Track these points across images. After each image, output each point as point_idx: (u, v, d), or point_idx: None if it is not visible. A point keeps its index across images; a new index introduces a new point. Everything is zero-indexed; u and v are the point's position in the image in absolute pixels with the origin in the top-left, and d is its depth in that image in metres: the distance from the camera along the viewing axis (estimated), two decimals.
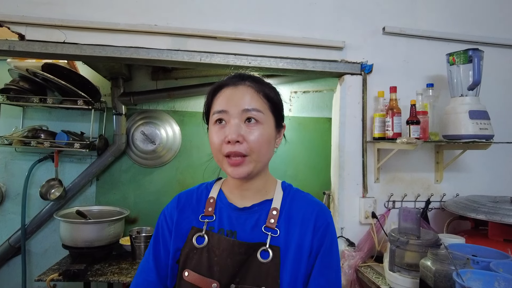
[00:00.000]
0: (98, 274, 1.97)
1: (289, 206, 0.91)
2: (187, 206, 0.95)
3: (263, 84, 0.90)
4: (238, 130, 0.82)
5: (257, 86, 0.88)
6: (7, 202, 2.51)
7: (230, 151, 0.82)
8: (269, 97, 0.89)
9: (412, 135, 1.69)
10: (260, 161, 0.86)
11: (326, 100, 2.92)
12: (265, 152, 0.86)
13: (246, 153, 0.83)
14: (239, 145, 0.82)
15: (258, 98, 0.86)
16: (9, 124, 2.47)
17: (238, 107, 0.84)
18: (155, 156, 2.67)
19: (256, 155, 0.84)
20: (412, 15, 2.00)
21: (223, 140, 0.83)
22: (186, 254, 0.88)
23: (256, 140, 0.83)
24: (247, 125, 0.84)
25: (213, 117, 0.87)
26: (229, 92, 0.87)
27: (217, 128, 0.86)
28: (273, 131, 0.89)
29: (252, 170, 0.85)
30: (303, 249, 0.85)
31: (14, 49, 1.65)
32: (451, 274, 1.15)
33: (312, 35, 1.88)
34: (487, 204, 1.63)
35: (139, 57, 1.74)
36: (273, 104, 0.89)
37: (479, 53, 1.68)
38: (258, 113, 0.84)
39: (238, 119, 0.84)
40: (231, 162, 0.83)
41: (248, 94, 0.86)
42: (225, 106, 0.85)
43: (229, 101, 0.85)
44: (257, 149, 0.84)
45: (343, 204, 1.90)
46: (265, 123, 0.85)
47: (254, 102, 0.85)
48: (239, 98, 0.85)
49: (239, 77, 0.90)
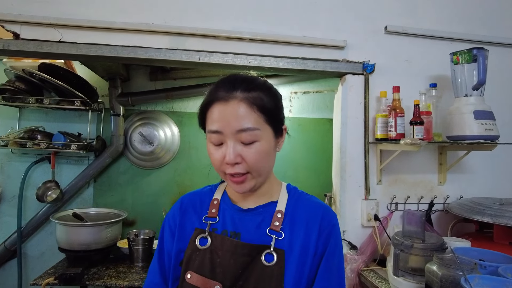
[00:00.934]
0: (95, 277, 1.93)
1: (294, 209, 0.89)
2: (190, 208, 0.95)
3: (256, 91, 0.82)
4: (236, 151, 0.79)
5: (250, 98, 0.80)
6: (2, 204, 2.47)
7: (230, 172, 0.81)
8: (264, 107, 0.81)
9: (416, 135, 1.65)
10: (262, 175, 0.85)
11: (327, 100, 2.89)
12: (265, 166, 0.84)
13: (246, 171, 0.81)
14: (238, 166, 0.80)
15: (251, 113, 0.79)
16: (5, 125, 2.44)
17: (232, 128, 0.78)
18: (153, 158, 2.63)
19: (256, 172, 0.82)
20: (414, 14, 1.97)
21: (223, 161, 0.81)
22: (189, 256, 0.87)
23: (254, 158, 0.80)
24: (244, 145, 0.80)
25: (209, 135, 0.83)
26: (220, 109, 0.80)
27: (214, 148, 0.83)
28: (272, 141, 0.85)
29: (254, 185, 0.84)
30: (308, 252, 0.83)
31: (9, 48, 1.61)
32: (458, 279, 1.11)
33: (313, 34, 1.85)
34: (493, 206, 1.60)
35: (136, 56, 1.70)
36: (269, 115, 0.82)
37: (484, 52, 1.65)
38: (253, 132, 0.79)
39: (233, 140, 0.79)
40: (233, 180, 0.82)
41: (240, 111, 0.78)
42: (218, 127, 0.79)
43: (222, 121, 0.79)
44: (256, 166, 0.81)
45: (344, 206, 1.86)
46: (262, 139, 0.81)
47: (248, 120, 0.79)
48: (231, 118, 0.78)
49: (230, 87, 0.81)
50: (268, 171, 0.88)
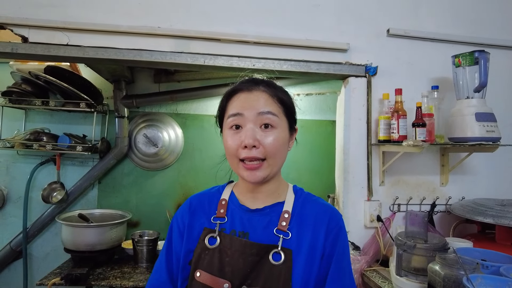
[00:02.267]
0: (100, 278, 1.95)
1: (300, 209, 0.91)
2: (199, 208, 0.96)
3: (277, 88, 0.91)
4: (254, 134, 0.83)
5: (271, 90, 0.89)
6: (8, 205, 2.49)
7: (246, 156, 0.83)
8: (283, 101, 0.89)
9: (418, 137, 1.67)
10: (276, 165, 0.88)
11: (329, 102, 2.91)
12: (280, 155, 0.88)
13: (263, 156, 0.84)
14: (255, 150, 0.83)
15: (272, 102, 0.87)
16: (11, 127, 2.46)
17: (253, 110, 0.85)
18: (157, 159, 2.65)
19: (273, 159, 0.85)
20: (416, 17, 1.99)
21: (239, 145, 0.84)
22: (198, 255, 0.88)
23: (272, 144, 0.84)
24: (262, 130, 0.84)
25: (228, 120, 0.88)
26: (243, 96, 0.88)
27: (232, 132, 0.87)
28: (287, 134, 0.90)
29: (268, 174, 0.86)
30: (316, 252, 0.85)
31: (17, 51, 1.64)
32: (460, 279, 1.12)
33: (316, 37, 1.87)
34: (495, 207, 1.61)
35: (142, 59, 1.73)
36: (287, 108, 0.90)
37: (485, 55, 1.66)
38: (273, 117, 0.85)
39: (253, 123, 0.84)
40: (247, 167, 0.84)
41: (262, 98, 0.87)
42: (240, 109, 0.86)
43: (244, 105, 0.86)
44: (273, 153, 0.84)
45: (347, 207, 1.88)
46: (279, 127, 0.86)
47: (269, 105, 0.86)
48: (254, 102, 0.86)
49: (253, 82, 0.91)
50: (280, 164, 0.91)
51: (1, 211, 2.48)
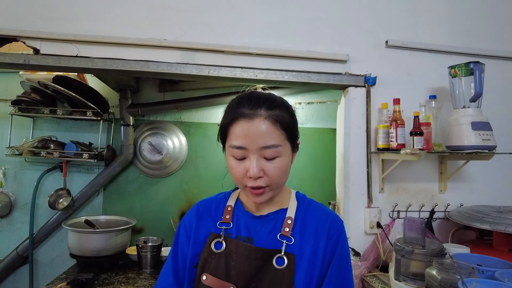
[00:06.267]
0: (105, 283, 1.98)
1: (303, 216, 0.95)
2: (206, 213, 1.00)
3: (278, 109, 0.87)
4: (259, 166, 0.84)
5: (273, 115, 0.85)
6: (15, 211, 2.54)
7: (252, 185, 0.85)
8: (286, 125, 0.87)
9: (416, 146, 1.72)
10: (279, 187, 0.91)
11: (330, 111, 2.96)
12: (284, 180, 0.91)
13: (266, 185, 0.86)
14: (260, 180, 0.85)
15: (275, 130, 0.84)
16: (20, 134, 2.52)
17: (256, 144, 0.83)
18: (161, 166, 2.70)
19: (276, 185, 0.89)
20: (414, 28, 2.05)
21: (244, 174, 0.86)
22: (205, 259, 0.92)
23: (276, 174, 0.86)
24: (266, 161, 0.85)
25: (231, 150, 0.86)
26: (245, 126, 0.84)
27: (236, 161, 0.87)
28: (290, 156, 0.91)
29: (271, 197, 0.91)
30: (317, 257, 0.88)
31: (29, 62, 1.70)
32: (456, 283, 1.16)
33: (317, 48, 1.93)
34: (491, 214, 1.65)
35: (148, 70, 1.79)
36: (290, 131, 0.88)
37: (480, 66, 1.72)
38: (277, 148, 0.85)
39: (257, 155, 0.84)
40: (253, 192, 0.87)
41: (265, 128, 0.83)
42: (243, 143, 0.84)
43: (247, 137, 0.83)
44: (277, 180, 0.88)
45: (348, 214, 1.92)
46: (283, 154, 0.87)
47: (272, 137, 0.84)
48: (256, 135, 0.83)
49: (254, 104, 0.85)
50: (284, 184, 0.94)
51: (8, 217, 2.53)
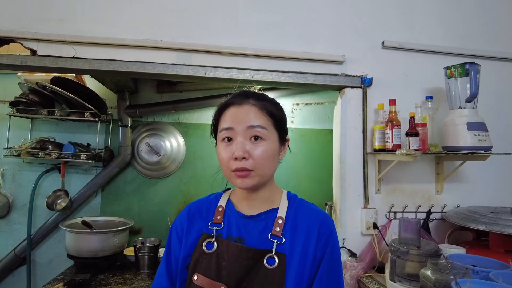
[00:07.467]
0: (103, 284, 1.99)
1: (294, 215, 0.95)
2: (197, 214, 1.01)
3: (266, 101, 0.95)
4: (244, 147, 0.88)
5: (260, 104, 0.93)
6: (13, 212, 2.54)
7: (237, 167, 0.88)
8: (272, 114, 0.94)
9: (412, 146, 1.72)
10: (265, 175, 0.92)
11: (328, 112, 2.97)
12: (269, 166, 0.92)
13: (251, 168, 0.88)
14: (245, 161, 0.88)
15: (261, 115, 0.92)
16: (18, 135, 2.52)
17: (243, 124, 0.89)
18: (159, 167, 2.71)
19: (260, 170, 0.90)
20: (410, 29, 2.06)
21: (230, 157, 0.89)
22: (196, 259, 0.92)
23: (260, 156, 0.89)
24: (252, 142, 0.89)
25: (220, 134, 0.93)
26: (234, 110, 0.92)
27: (224, 145, 0.92)
28: (277, 146, 0.94)
29: (257, 183, 0.91)
30: (308, 256, 0.89)
31: (26, 63, 1.71)
32: (450, 283, 1.16)
33: (313, 49, 1.94)
34: (487, 214, 1.65)
35: (145, 71, 1.79)
36: (276, 121, 0.94)
37: (476, 67, 1.72)
38: (262, 130, 0.90)
39: (243, 136, 0.89)
40: (239, 174, 0.89)
41: (252, 112, 0.91)
42: (231, 124, 0.90)
43: (234, 119, 0.91)
44: (261, 164, 0.89)
45: (345, 215, 1.92)
46: (269, 139, 0.91)
47: (258, 119, 0.91)
48: (243, 116, 0.90)
49: (243, 96, 0.95)
50: (270, 175, 0.95)
51: (6, 218, 2.53)
